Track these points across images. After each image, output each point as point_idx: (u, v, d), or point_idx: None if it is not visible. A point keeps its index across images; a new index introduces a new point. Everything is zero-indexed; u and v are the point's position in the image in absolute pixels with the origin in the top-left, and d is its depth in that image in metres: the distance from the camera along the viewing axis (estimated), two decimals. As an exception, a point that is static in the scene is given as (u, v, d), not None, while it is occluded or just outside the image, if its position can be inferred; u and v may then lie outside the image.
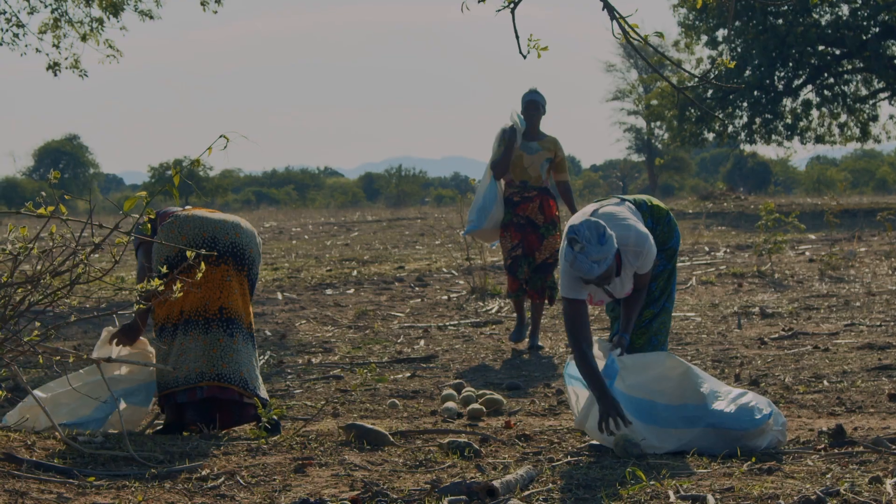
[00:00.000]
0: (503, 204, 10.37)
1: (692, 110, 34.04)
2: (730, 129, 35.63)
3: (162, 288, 5.66)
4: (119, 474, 5.23)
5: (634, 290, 6.28)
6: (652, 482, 5.05)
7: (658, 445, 5.86)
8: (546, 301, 10.36)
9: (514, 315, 11.55)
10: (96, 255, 14.45)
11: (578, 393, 6.17)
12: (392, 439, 6.14)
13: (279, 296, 14.01)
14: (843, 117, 37.07)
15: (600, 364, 6.05)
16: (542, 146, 10.35)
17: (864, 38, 32.94)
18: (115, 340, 6.71)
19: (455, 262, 17.82)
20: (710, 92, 33.17)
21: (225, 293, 6.62)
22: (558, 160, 10.39)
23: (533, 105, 10.41)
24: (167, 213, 6.78)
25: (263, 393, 6.68)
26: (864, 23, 33.17)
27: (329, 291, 14.52)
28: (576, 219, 6.21)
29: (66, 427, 6.15)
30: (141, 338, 6.77)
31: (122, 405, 6.44)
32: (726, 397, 5.99)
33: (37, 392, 6.36)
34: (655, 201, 6.55)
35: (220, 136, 5.18)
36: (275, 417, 6.41)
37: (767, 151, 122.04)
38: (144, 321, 6.74)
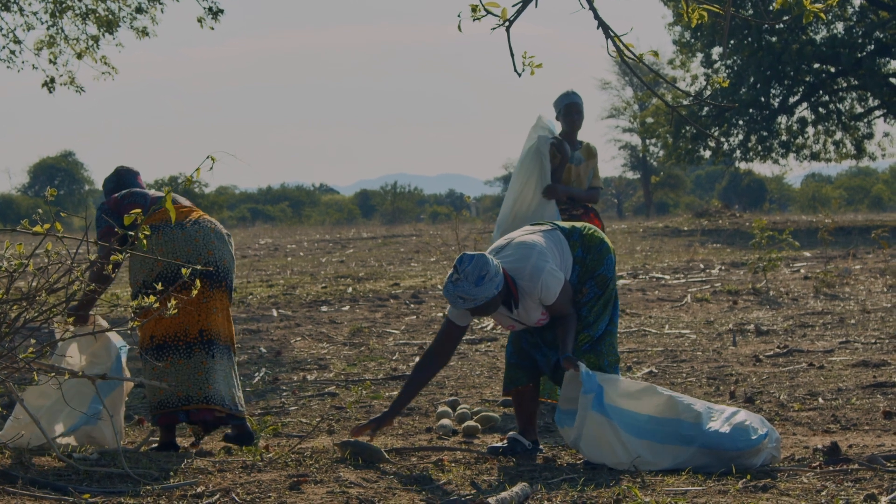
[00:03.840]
0: None
1: (687, 128, 34.10)
2: (725, 146, 35.71)
3: (143, 307, 5.70)
4: (114, 491, 5.23)
5: (558, 316, 6.39)
6: (647, 500, 5.05)
7: (653, 461, 5.86)
8: None
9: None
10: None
11: (569, 431, 6.17)
12: (387, 456, 6.14)
13: (274, 312, 14.01)
14: (839, 135, 37.16)
15: (576, 388, 6.12)
16: (583, 155, 9.13)
17: (859, 55, 33.02)
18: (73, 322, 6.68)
19: (450, 279, 17.80)
20: (706, 109, 33.24)
21: (203, 315, 6.64)
22: (596, 168, 9.21)
23: (575, 108, 9.09)
24: (131, 198, 6.76)
25: (243, 406, 6.83)
26: (860, 40, 33.27)
27: (324, 308, 14.52)
28: (499, 243, 6.50)
29: (70, 433, 6.21)
30: (90, 313, 6.75)
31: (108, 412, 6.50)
32: (720, 417, 5.99)
33: (27, 403, 6.36)
34: (591, 230, 6.61)
35: (208, 157, 5.20)
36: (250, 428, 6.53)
37: (763, 169, 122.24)
38: (91, 303, 6.71)
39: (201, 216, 6.81)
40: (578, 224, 6.63)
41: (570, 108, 9.06)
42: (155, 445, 6.74)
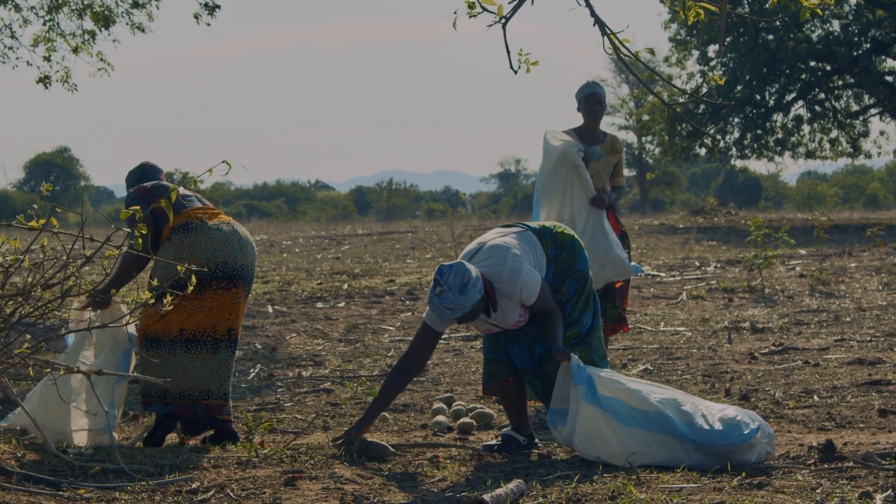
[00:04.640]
0: None
1: (683, 125, 34.10)
2: (721, 144, 35.71)
3: (153, 301, 5.71)
4: (109, 487, 5.23)
5: (542, 313, 6.38)
6: (643, 497, 5.05)
7: (646, 451, 5.85)
8: (624, 329, 9.18)
9: None
10: (87, 268, 14.44)
11: (561, 431, 6.16)
12: (393, 450, 6.15)
13: (270, 309, 14.00)
14: (834, 133, 37.19)
15: (566, 379, 6.13)
16: (604, 150, 8.93)
17: (855, 53, 33.03)
18: (87, 307, 6.69)
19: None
20: (702, 107, 33.24)
21: (233, 315, 6.69)
22: (619, 163, 9.02)
23: (596, 98, 8.87)
24: (160, 190, 6.78)
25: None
26: (855, 38, 33.27)
27: (319, 305, 14.51)
28: (470, 247, 6.45)
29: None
30: (114, 299, 6.75)
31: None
32: (710, 413, 5.99)
33: (28, 402, 6.36)
34: (561, 228, 6.63)
35: (223, 162, 5.20)
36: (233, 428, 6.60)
37: (758, 166, 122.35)
38: (122, 283, 6.71)
39: (229, 220, 6.85)
40: (548, 223, 6.65)
41: (590, 98, 8.89)
42: (147, 434, 6.76)
